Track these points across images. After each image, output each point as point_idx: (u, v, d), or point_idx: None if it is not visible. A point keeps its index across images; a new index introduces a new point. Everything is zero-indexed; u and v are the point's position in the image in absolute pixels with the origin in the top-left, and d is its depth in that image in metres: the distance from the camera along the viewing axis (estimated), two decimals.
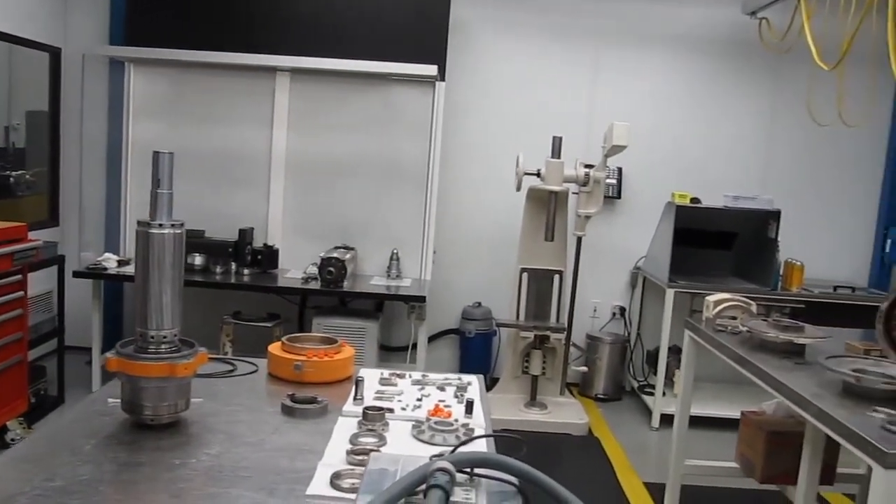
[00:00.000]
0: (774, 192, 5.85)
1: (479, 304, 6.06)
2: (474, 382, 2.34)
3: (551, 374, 5.50)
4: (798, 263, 5.52)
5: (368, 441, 1.78)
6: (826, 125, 5.64)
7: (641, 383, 6.04)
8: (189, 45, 5.26)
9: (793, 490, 3.37)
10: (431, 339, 6.10)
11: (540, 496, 1.38)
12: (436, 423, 1.86)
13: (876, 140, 6.25)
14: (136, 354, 1.79)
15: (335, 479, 1.55)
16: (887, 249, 5.97)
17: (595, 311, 6.23)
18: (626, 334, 6.21)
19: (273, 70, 5.47)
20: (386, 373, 2.38)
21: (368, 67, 5.24)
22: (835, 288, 5.66)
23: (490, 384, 5.75)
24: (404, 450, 1.71)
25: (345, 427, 1.88)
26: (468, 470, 1.33)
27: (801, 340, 3.18)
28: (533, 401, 5.42)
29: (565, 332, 5.38)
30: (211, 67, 5.45)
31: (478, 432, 1.85)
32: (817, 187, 6.26)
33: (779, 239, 5.43)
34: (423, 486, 1.25)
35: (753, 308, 3.67)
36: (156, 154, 1.81)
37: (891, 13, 3.67)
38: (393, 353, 5.99)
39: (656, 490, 4.22)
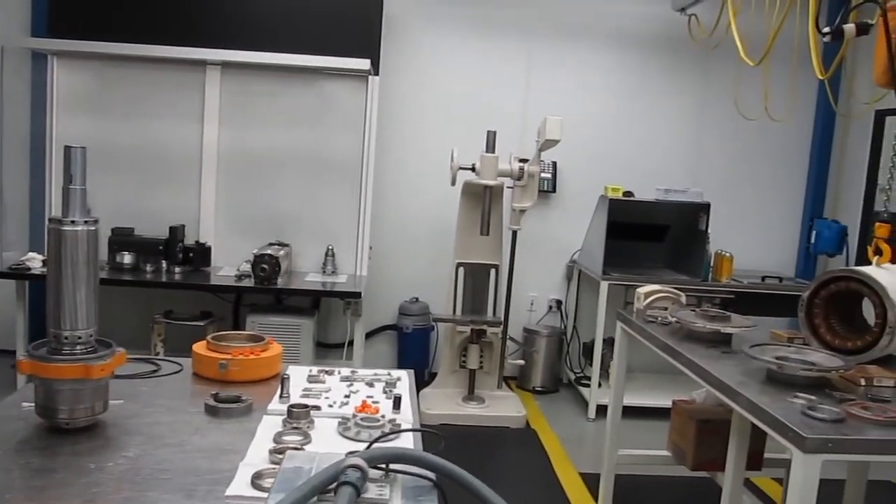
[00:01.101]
0: (705, 185, 5.97)
1: (417, 299, 6.05)
2: (404, 378, 2.32)
3: (489, 368, 5.53)
4: (728, 255, 5.65)
5: (293, 439, 1.75)
6: (753, 119, 5.79)
7: (578, 375, 6.11)
8: (115, 38, 5.11)
9: (723, 476, 3.44)
10: (369, 335, 6.06)
11: (458, 491, 1.38)
12: (362, 419, 1.84)
13: (801, 134, 6.43)
14: (49, 356, 1.73)
15: (256, 479, 1.52)
16: (812, 240, 6.14)
17: (532, 304, 6.27)
18: (563, 327, 6.27)
19: (203, 63, 5.36)
20: (315, 369, 2.35)
21: (300, 61, 5.17)
22: (763, 278, 5.81)
23: (428, 379, 5.75)
24: (329, 447, 1.69)
25: (269, 426, 1.85)
26: (383, 466, 1.32)
27: (728, 330, 3.25)
28: (471, 395, 5.44)
29: (502, 326, 5.41)
30: (138, 61, 5.31)
31: (405, 428, 1.83)
32: (746, 180, 6.42)
33: (709, 231, 5.54)
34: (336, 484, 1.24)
35: (683, 299, 3.74)
36: (67, 149, 1.74)
37: (811, 12, 3.76)
38: (330, 349, 5.94)
39: (592, 480, 4.27)
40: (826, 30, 3.49)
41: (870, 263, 3.22)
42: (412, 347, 6.03)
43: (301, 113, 5.49)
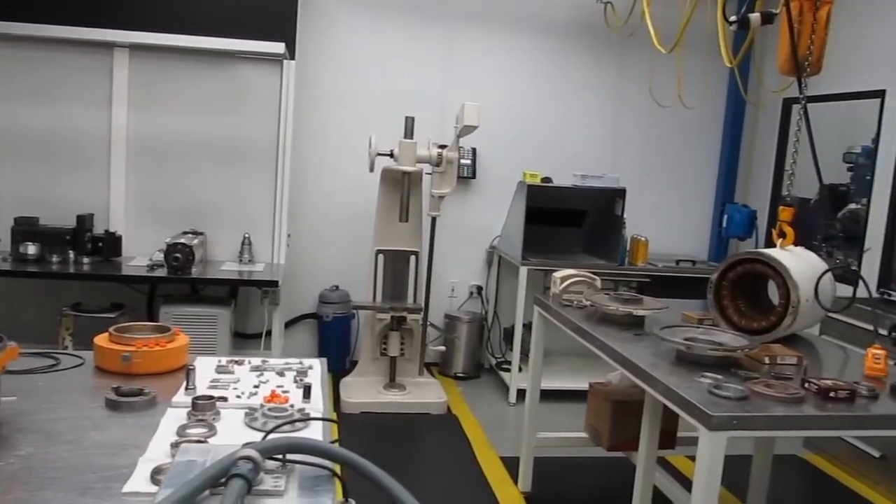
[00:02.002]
0: (622, 171, 6.08)
1: (337, 287, 5.99)
2: (316, 366, 2.29)
3: (410, 355, 5.51)
4: (643, 239, 5.76)
5: (197, 432, 1.70)
6: (667, 106, 5.92)
7: (499, 360, 6.16)
8: (17, 18, 4.87)
9: (637, 456, 3.52)
10: (289, 324, 5.98)
11: (360, 478, 1.36)
12: (269, 409, 1.81)
13: (713, 121, 6.60)
14: None
15: (156, 475, 1.47)
16: (724, 224, 6.32)
17: (453, 290, 6.28)
18: (484, 312, 6.31)
19: (111, 46, 5.15)
20: (224, 360, 2.30)
21: (212, 44, 5.02)
22: (677, 262, 5.96)
23: (350, 367, 5.71)
24: (235, 439, 1.64)
25: (174, 419, 1.80)
26: (280, 457, 1.29)
27: (640, 312, 3.31)
28: (392, 382, 5.42)
29: (422, 313, 5.41)
30: (42, 42, 5.07)
31: (310, 416, 1.80)
32: (661, 166, 6.56)
33: (625, 216, 5.64)
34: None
35: (598, 283, 3.79)
36: None
37: (719, 1, 3.85)
38: (248, 340, 5.82)
39: (512, 464, 4.31)
40: (732, 19, 3.59)
41: (775, 246, 3.33)
42: (333, 336, 5.97)
43: (215, 98, 5.33)
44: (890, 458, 4.40)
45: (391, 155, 5.10)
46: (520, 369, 5.60)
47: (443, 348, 5.95)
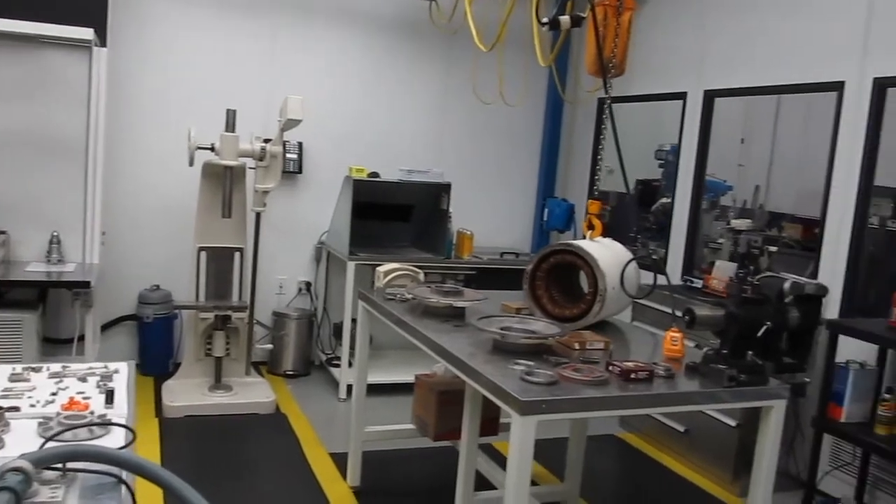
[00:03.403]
0: (449, 166, 6.20)
1: (158, 286, 5.73)
2: (122, 370, 2.18)
3: (236, 355, 5.37)
4: (468, 233, 5.90)
5: None
6: (489, 104, 6.09)
7: (329, 356, 6.12)
8: None
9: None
10: (106, 327, 5.66)
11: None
12: (66, 417, 1.70)
13: (534, 118, 6.86)
14: None
15: None
16: (545, 218, 6.59)
17: (281, 287, 6.17)
18: (313, 309, 6.24)
19: None
20: (19, 367, 2.14)
21: (13, 27, 4.64)
22: (502, 254, 6.15)
23: (173, 370, 5.49)
24: (28, 450, 1.54)
25: None
26: (60, 466, 1.22)
27: (460, 304, 3.39)
28: (218, 383, 5.26)
29: (248, 311, 5.28)
30: None
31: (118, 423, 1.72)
32: (486, 162, 6.74)
33: (451, 210, 5.76)
34: None
35: (421, 276, 3.86)
36: None
37: (533, 2, 4.00)
38: (60, 345, 5.43)
39: (342, 460, 4.30)
40: (545, 20, 3.75)
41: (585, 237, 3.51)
42: (154, 338, 5.71)
43: (17, 86, 4.93)
44: (692, 433, 4.76)
45: (212, 149, 4.95)
46: (350, 365, 5.57)
47: (270, 346, 5.84)
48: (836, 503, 3.99)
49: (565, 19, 3.68)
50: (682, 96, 5.66)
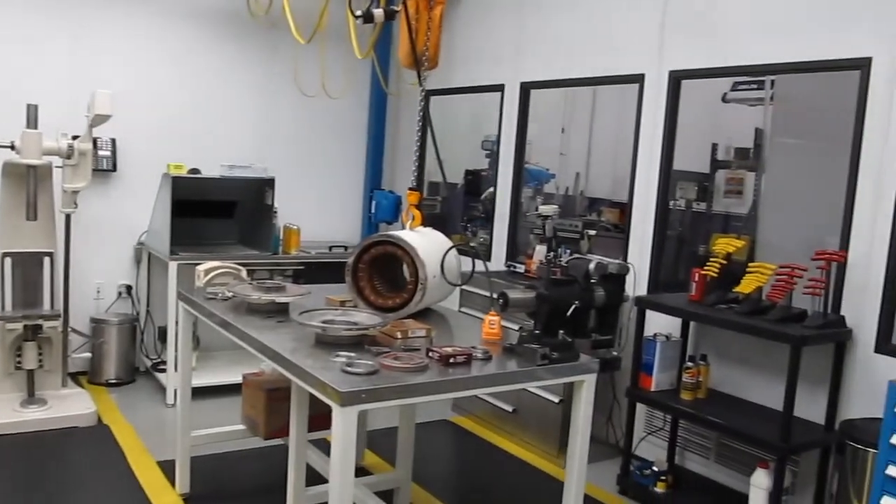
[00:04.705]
0: (274, 160, 6.10)
1: None
2: None
3: (50, 366, 5.04)
4: (295, 227, 5.84)
5: None
6: (313, 96, 6.05)
7: (155, 361, 5.88)
8: None
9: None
10: None
11: None
12: None
13: (359, 111, 6.86)
14: None
15: None
16: (373, 210, 6.63)
17: (98, 291, 5.85)
18: (136, 313, 5.97)
19: None
20: None
21: None
22: (330, 248, 6.13)
23: None
24: None
25: None
26: None
27: (283, 299, 3.36)
28: (31, 398, 4.92)
29: (61, 319, 4.97)
30: None
31: None
32: (312, 155, 6.67)
33: (276, 205, 5.68)
34: None
35: (243, 273, 3.78)
36: None
37: None
38: None
39: (171, 468, 4.15)
40: (358, 13, 3.77)
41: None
42: None
43: None
44: (520, 412, 4.96)
45: (13, 147, 4.62)
46: (176, 369, 5.38)
47: (88, 355, 5.54)
48: (650, 466, 4.28)
49: (378, 12, 3.72)
50: (500, 88, 5.85)
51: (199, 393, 5.19)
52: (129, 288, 5.99)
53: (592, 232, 5.16)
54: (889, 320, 3.60)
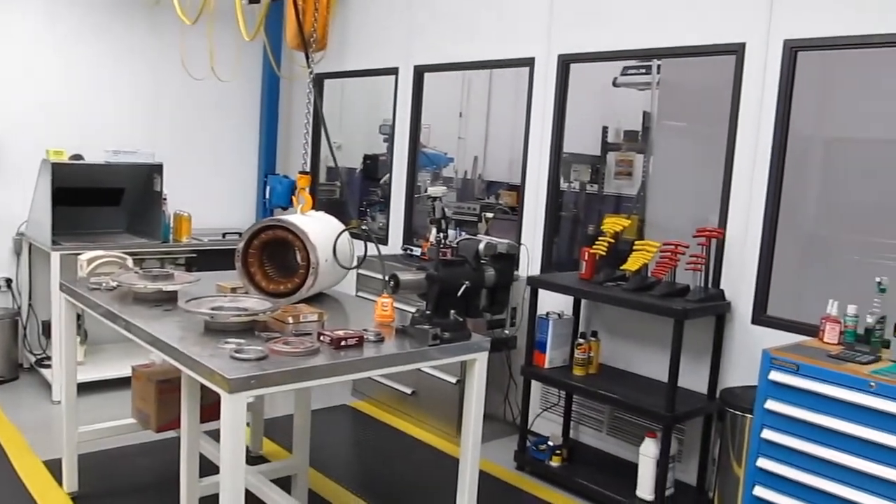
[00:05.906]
0: (161, 145, 5.91)
1: None
2: None
3: None
4: (186, 214, 5.68)
5: None
6: (201, 79, 5.88)
7: (39, 357, 5.63)
8: None
9: None
10: None
11: None
12: None
13: (251, 94, 6.72)
14: None
15: None
16: (268, 196, 6.52)
17: None
18: (17, 307, 5.69)
19: None
20: None
21: None
22: (224, 234, 5.99)
23: None
24: None
25: None
26: None
27: (170, 287, 3.27)
28: None
29: None
30: None
31: None
32: (202, 140, 6.49)
33: (165, 192, 5.51)
34: None
35: (129, 262, 3.67)
36: None
37: None
38: None
39: (57, 466, 3.99)
40: None
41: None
42: None
43: None
44: (419, 394, 4.99)
45: None
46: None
47: None
48: (546, 441, 4.38)
49: None
50: (394, 71, 5.83)
51: (89, 388, 5.02)
52: (8, 281, 5.70)
53: (490, 215, 5.22)
54: (764, 293, 3.80)
